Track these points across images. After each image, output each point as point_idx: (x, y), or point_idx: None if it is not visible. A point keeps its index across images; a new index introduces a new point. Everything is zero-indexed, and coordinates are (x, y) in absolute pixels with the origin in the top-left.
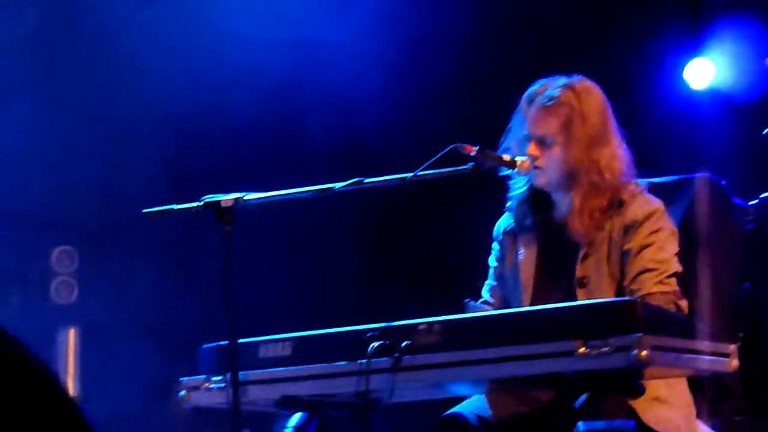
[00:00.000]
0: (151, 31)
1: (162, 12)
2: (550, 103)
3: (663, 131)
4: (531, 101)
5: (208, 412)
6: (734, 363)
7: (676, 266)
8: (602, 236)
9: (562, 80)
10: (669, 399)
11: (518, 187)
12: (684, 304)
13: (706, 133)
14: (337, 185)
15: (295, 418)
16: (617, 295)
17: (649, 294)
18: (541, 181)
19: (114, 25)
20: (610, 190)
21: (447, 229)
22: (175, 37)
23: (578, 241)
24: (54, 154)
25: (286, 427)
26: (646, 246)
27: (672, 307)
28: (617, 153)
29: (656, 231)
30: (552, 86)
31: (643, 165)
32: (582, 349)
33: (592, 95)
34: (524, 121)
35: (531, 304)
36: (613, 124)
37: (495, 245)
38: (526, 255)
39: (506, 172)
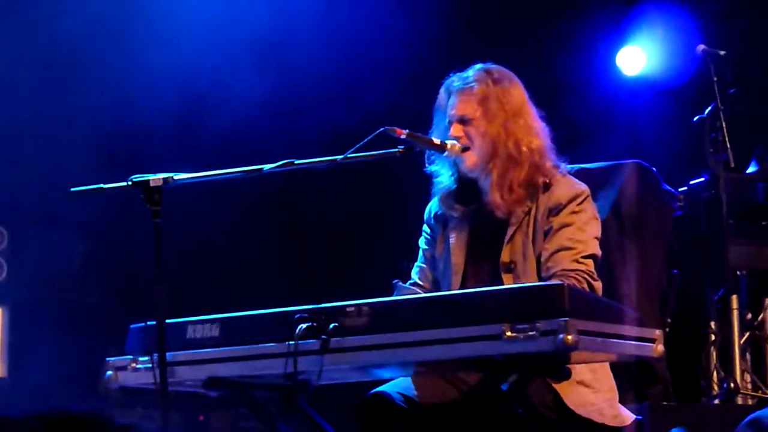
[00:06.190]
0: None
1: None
2: (466, 85)
3: (596, 118)
4: (448, 91)
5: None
6: (659, 348)
7: (594, 249)
8: (528, 219)
9: (477, 66)
10: (592, 383)
11: (444, 180)
12: (598, 285)
13: (638, 119)
14: (267, 166)
15: None
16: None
17: (564, 270)
18: (470, 162)
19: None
20: (528, 163)
21: (378, 209)
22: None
23: (502, 220)
24: None
25: None
26: (566, 225)
27: (585, 287)
28: (534, 127)
29: (577, 212)
30: (466, 73)
31: (576, 151)
32: (509, 333)
33: (506, 76)
34: (445, 110)
35: (460, 289)
36: (529, 104)
37: (426, 228)
38: (456, 239)
39: (432, 166)
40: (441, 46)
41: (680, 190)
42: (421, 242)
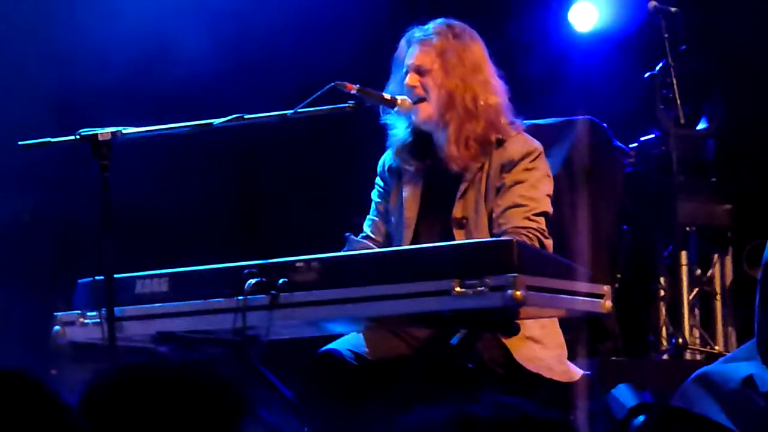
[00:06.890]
0: None
1: None
2: (426, 36)
3: (548, 74)
4: (408, 41)
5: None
6: (607, 304)
7: (546, 206)
8: (481, 175)
9: (438, 20)
10: (542, 339)
11: (399, 132)
12: (549, 243)
13: (590, 76)
14: (217, 121)
15: None
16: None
17: (515, 227)
18: (424, 114)
19: None
20: (484, 119)
21: (329, 163)
22: None
23: (456, 175)
24: None
25: None
26: (519, 182)
27: (536, 244)
28: (492, 84)
29: (530, 169)
30: (428, 25)
31: (529, 107)
32: (458, 289)
33: (467, 31)
34: (403, 60)
35: (412, 243)
36: (489, 62)
37: (378, 181)
38: (410, 193)
39: (387, 118)
40: (394, 3)
41: (631, 146)
42: (374, 195)
